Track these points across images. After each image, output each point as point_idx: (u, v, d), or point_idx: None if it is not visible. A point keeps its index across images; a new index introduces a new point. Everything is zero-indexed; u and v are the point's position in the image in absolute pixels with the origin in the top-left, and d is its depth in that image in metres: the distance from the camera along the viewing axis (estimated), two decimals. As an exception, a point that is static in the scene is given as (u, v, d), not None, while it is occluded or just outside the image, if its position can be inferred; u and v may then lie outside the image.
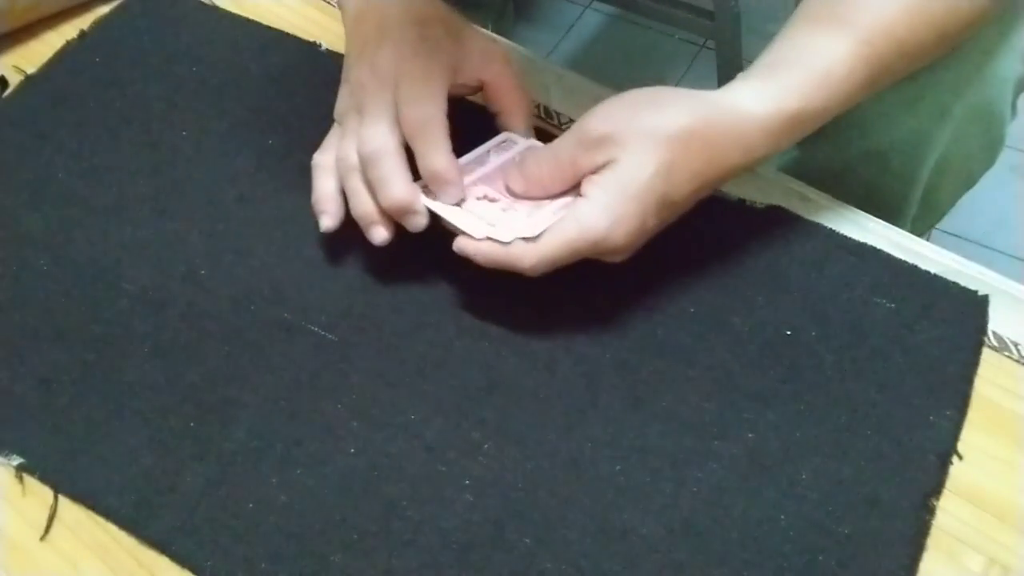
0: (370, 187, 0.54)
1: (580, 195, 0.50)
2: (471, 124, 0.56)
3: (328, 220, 0.56)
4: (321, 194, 0.57)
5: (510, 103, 0.58)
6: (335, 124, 0.59)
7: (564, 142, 0.51)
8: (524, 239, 0.50)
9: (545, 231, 0.50)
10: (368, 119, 0.53)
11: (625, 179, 0.49)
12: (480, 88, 0.58)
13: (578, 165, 0.50)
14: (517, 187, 0.53)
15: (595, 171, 0.50)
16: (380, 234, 0.54)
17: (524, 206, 0.53)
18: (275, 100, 0.66)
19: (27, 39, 0.71)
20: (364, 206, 0.54)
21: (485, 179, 0.55)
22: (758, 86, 0.51)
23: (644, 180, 0.48)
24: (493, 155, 0.56)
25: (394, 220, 0.54)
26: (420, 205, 0.53)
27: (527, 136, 0.58)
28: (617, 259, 0.51)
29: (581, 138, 0.50)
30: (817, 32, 0.52)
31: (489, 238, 0.51)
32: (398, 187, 0.52)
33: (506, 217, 0.52)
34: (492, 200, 0.54)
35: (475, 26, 0.59)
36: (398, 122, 0.53)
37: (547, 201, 0.52)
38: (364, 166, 0.54)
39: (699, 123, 0.49)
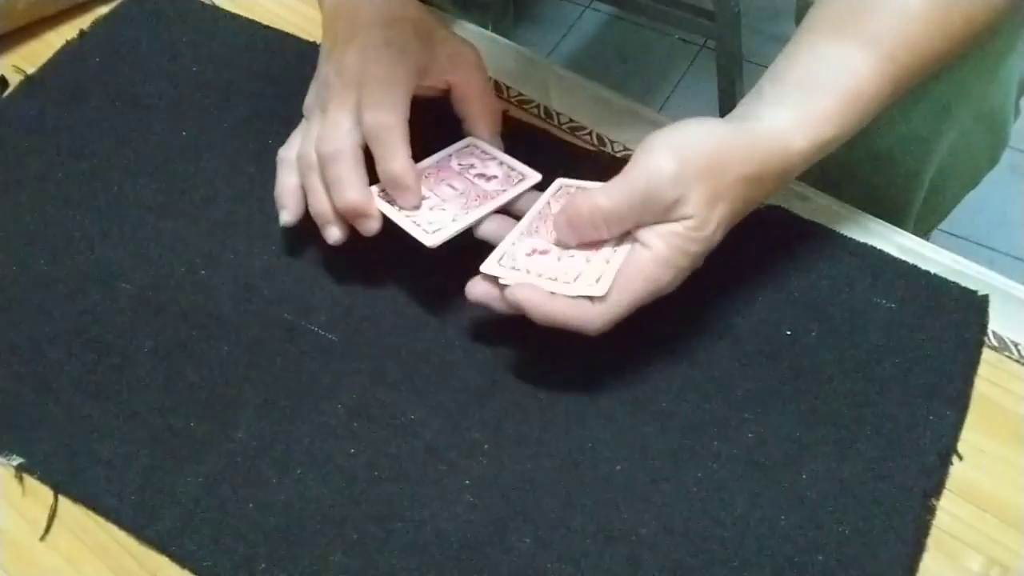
0: (326, 187, 0.54)
1: (639, 243, 0.49)
2: (439, 127, 0.56)
3: (287, 215, 0.57)
4: (282, 189, 0.57)
5: (475, 109, 0.58)
6: (303, 119, 0.59)
7: (628, 203, 0.48)
8: (589, 298, 0.48)
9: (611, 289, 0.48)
10: (329, 120, 0.54)
11: (691, 236, 0.48)
12: (448, 91, 0.58)
13: (642, 224, 0.49)
14: (570, 243, 0.50)
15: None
16: (334, 234, 0.55)
17: (531, 237, 0.52)
18: (275, 100, 0.66)
19: (27, 39, 0.71)
20: (320, 204, 0.55)
21: (442, 185, 0.55)
22: (795, 116, 0.50)
23: (707, 236, 0.48)
24: (455, 160, 0.57)
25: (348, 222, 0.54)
26: (373, 209, 0.53)
27: (492, 143, 0.58)
28: None
29: (649, 201, 0.47)
30: (843, 49, 0.50)
31: (552, 292, 0.48)
32: (352, 189, 0.53)
33: (558, 265, 0.50)
34: (440, 206, 0.53)
35: (449, 31, 0.59)
36: (359, 124, 0.53)
37: (592, 248, 0.50)
38: (321, 166, 0.54)
39: (756, 168, 0.49)
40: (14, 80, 0.68)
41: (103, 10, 0.73)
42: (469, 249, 0.52)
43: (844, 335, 0.54)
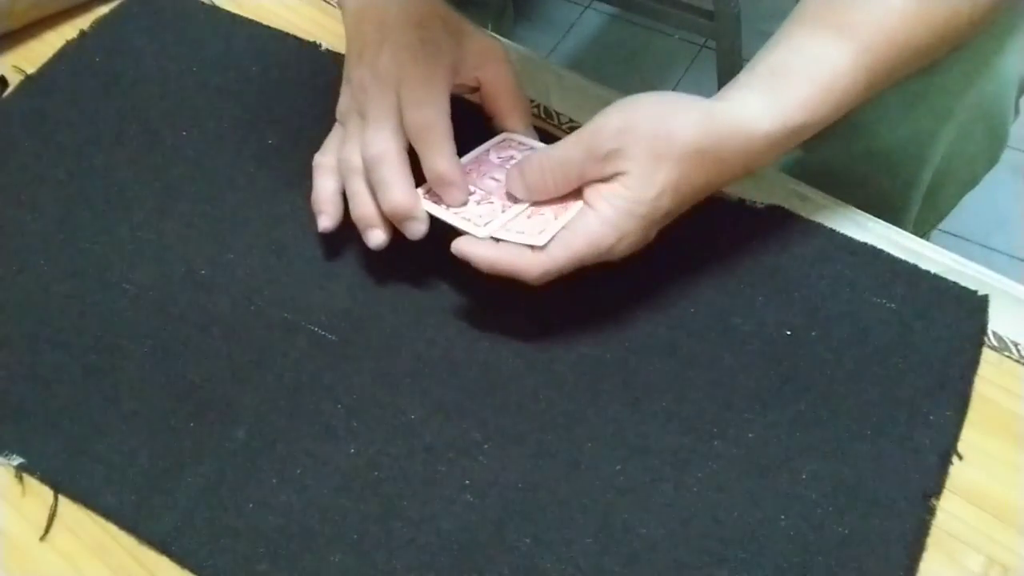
0: (372, 190, 0.54)
1: (585, 203, 0.50)
2: (472, 123, 0.56)
3: (326, 220, 0.56)
4: (320, 194, 0.57)
5: (506, 105, 0.58)
6: (336, 124, 0.59)
7: (571, 152, 0.50)
8: (530, 247, 0.50)
9: (551, 240, 0.50)
10: (371, 123, 0.54)
11: (634, 196, 0.49)
12: (477, 88, 0.58)
13: (585, 175, 0.50)
14: (518, 193, 0.52)
15: (601, 180, 0.50)
16: (378, 237, 0.54)
17: (521, 205, 0.52)
18: (275, 100, 0.66)
19: (27, 39, 0.71)
20: (364, 208, 0.54)
21: (485, 179, 0.55)
22: (763, 100, 0.50)
23: (652, 197, 0.49)
24: (493, 154, 0.56)
25: (392, 225, 0.54)
26: (420, 211, 0.53)
27: (527, 135, 0.58)
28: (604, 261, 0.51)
29: (591, 151, 0.49)
30: (818, 39, 0.51)
31: (493, 238, 0.51)
32: (399, 191, 0.52)
33: (504, 217, 0.52)
34: (487, 199, 0.54)
35: (474, 25, 0.59)
36: (401, 126, 0.53)
37: (547, 204, 0.52)
38: (367, 169, 0.54)
39: (709, 140, 0.49)
40: (14, 80, 0.68)
41: (103, 10, 0.73)
42: (480, 274, 0.52)
43: (844, 335, 0.54)
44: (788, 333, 0.54)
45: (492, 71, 0.57)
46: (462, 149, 0.55)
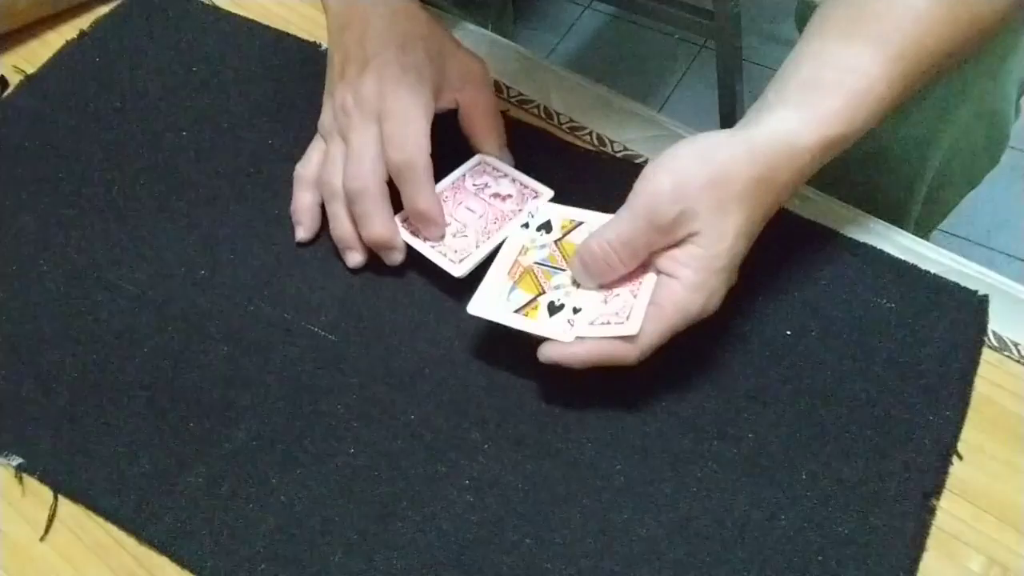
0: (352, 218, 0.56)
1: (661, 272, 0.49)
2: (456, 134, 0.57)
3: (303, 232, 0.59)
4: (299, 206, 0.59)
5: (482, 128, 0.58)
6: (318, 136, 0.60)
7: (635, 230, 0.48)
8: (623, 338, 0.48)
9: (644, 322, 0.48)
10: (353, 155, 0.55)
11: (711, 254, 0.48)
12: (456, 108, 0.59)
13: (652, 246, 0.49)
14: (586, 283, 0.51)
15: (672, 246, 0.49)
16: (355, 258, 0.57)
17: (594, 292, 0.51)
18: (275, 100, 0.66)
19: (27, 39, 0.71)
20: (344, 230, 0.57)
21: (460, 209, 0.56)
22: (800, 116, 0.49)
23: (728, 248, 0.48)
24: (468, 181, 0.58)
25: (370, 249, 0.56)
26: (399, 242, 0.56)
27: (502, 158, 0.58)
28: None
29: (655, 222, 0.48)
30: (850, 50, 0.50)
31: (579, 337, 0.49)
32: (380, 225, 0.55)
33: (584, 312, 0.50)
34: (462, 232, 0.55)
35: (456, 44, 0.59)
36: (382, 158, 0.54)
37: (620, 284, 0.51)
38: (349, 200, 0.56)
39: (762, 169, 0.48)
40: (14, 80, 0.68)
41: (103, 10, 0.73)
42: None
43: (844, 335, 0.54)
44: (788, 333, 0.54)
45: (471, 93, 0.58)
46: (436, 164, 0.55)
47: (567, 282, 0.52)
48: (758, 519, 0.48)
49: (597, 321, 0.49)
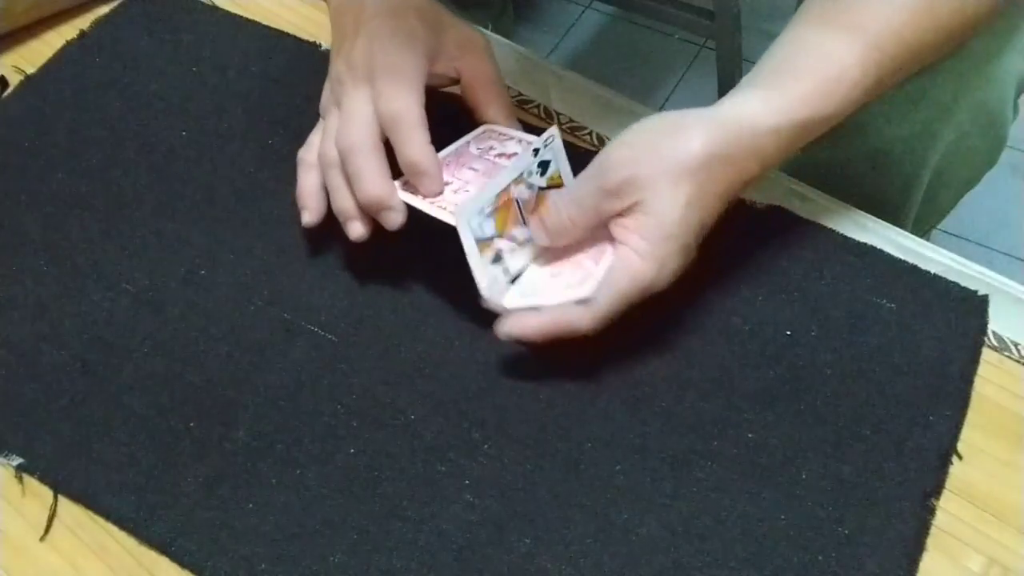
0: (348, 182, 0.54)
1: (616, 242, 0.49)
2: (452, 120, 0.56)
3: (308, 216, 0.56)
4: (303, 190, 0.57)
5: (485, 96, 0.57)
6: (320, 119, 0.59)
7: (584, 190, 0.49)
8: (579, 301, 0.49)
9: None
10: (344, 114, 0.54)
11: (660, 220, 0.48)
12: (458, 80, 0.57)
13: (603, 211, 0.49)
14: (543, 239, 0.51)
15: (623, 214, 0.49)
16: (357, 230, 0.54)
17: (559, 263, 0.52)
18: (275, 100, 0.66)
19: (27, 39, 0.71)
20: (343, 201, 0.54)
21: (463, 170, 0.54)
22: (767, 96, 0.50)
23: (679, 216, 0.48)
24: (473, 145, 0.56)
25: (372, 217, 0.54)
26: (396, 201, 0.52)
27: (509, 126, 0.57)
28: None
29: (603, 185, 0.49)
30: (826, 37, 0.51)
31: (532, 307, 0.50)
32: (373, 182, 0.52)
33: (541, 271, 0.51)
34: (464, 188, 0.53)
35: (454, 16, 0.58)
36: (375, 116, 0.53)
37: (582, 254, 0.51)
38: (342, 161, 0.53)
39: (718, 146, 0.48)
40: (14, 80, 0.68)
41: (103, 10, 0.73)
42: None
43: (844, 335, 0.54)
44: (788, 333, 0.54)
45: (471, 61, 0.57)
46: (444, 144, 0.54)
47: (521, 238, 0.52)
48: (758, 519, 0.48)
49: (558, 287, 0.50)
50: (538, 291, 0.51)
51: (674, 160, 0.48)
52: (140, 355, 0.55)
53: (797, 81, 0.50)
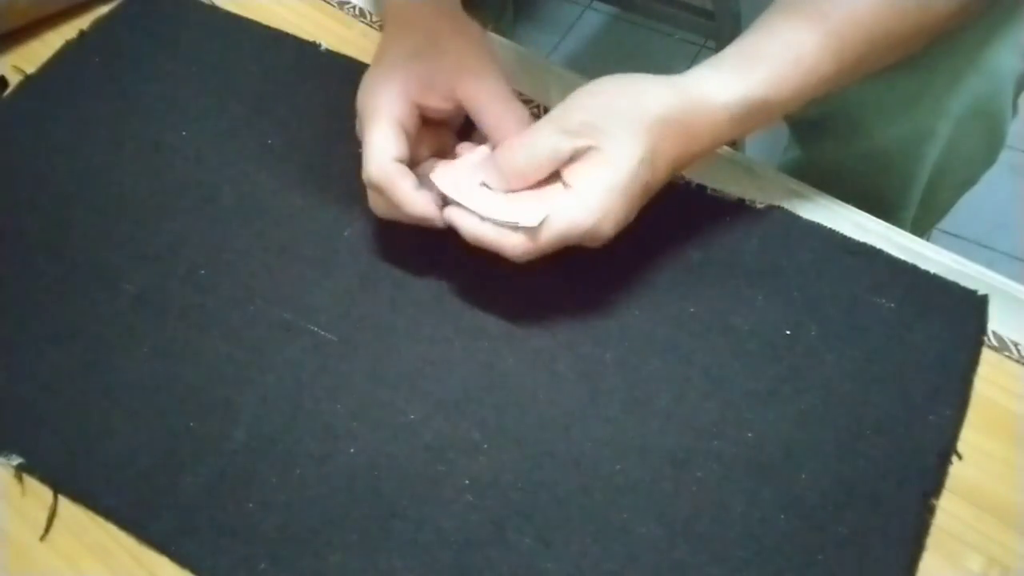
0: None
1: (564, 183, 0.50)
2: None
3: (437, 221, 0.54)
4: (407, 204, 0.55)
5: (492, 116, 0.54)
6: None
7: (542, 132, 0.50)
8: (519, 227, 0.49)
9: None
10: (364, 146, 0.54)
11: (611, 171, 0.49)
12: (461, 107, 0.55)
13: (558, 153, 0.50)
14: (495, 182, 0.52)
15: (576, 158, 0.50)
16: (436, 226, 0.54)
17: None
18: (275, 100, 0.66)
19: (27, 39, 0.71)
20: (395, 215, 0.54)
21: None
22: (727, 76, 0.52)
23: (630, 171, 0.49)
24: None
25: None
26: (438, 220, 0.53)
27: None
28: (598, 244, 0.51)
29: (562, 126, 0.50)
30: (787, 23, 0.53)
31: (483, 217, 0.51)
32: (413, 207, 0.52)
33: (488, 197, 0.52)
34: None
35: (465, 36, 0.57)
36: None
37: (532, 189, 0.52)
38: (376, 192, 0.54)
39: (676, 111, 0.50)
40: (14, 80, 0.68)
41: (103, 10, 0.73)
42: (469, 250, 0.52)
43: (844, 335, 0.54)
44: (788, 333, 0.54)
45: (470, 83, 0.54)
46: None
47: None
48: (758, 519, 0.48)
49: (504, 210, 0.50)
50: (489, 205, 0.51)
51: (633, 114, 0.50)
52: (140, 355, 0.55)
53: (757, 63, 0.52)
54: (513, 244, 0.50)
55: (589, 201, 0.49)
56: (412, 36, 0.56)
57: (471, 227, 0.51)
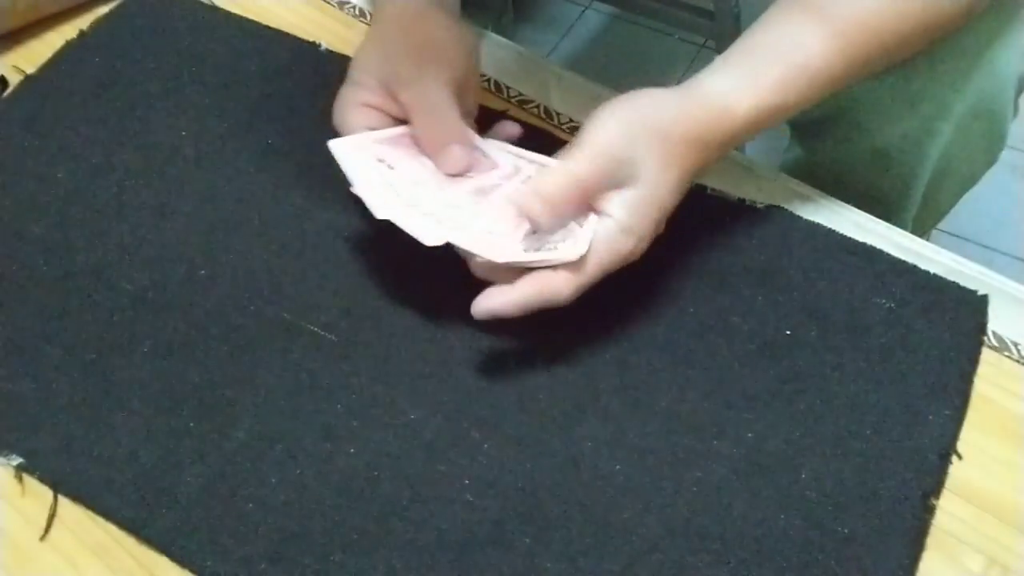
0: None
1: (597, 212, 0.50)
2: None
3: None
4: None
5: (426, 138, 0.55)
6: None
7: (583, 167, 0.49)
8: (564, 264, 0.49)
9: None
10: None
11: (648, 201, 0.50)
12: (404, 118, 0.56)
13: (600, 187, 0.49)
14: (540, 216, 0.49)
15: (613, 187, 0.50)
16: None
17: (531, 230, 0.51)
18: (275, 100, 0.66)
19: (27, 39, 0.71)
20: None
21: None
22: (738, 82, 0.52)
23: (662, 198, 0.50)
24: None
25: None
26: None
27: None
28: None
29: (602, 165, 0.49)
30: (793, 23, 0.53)
31: (513, 267, 0.49)
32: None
33: (520, 244, 0.50)
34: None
35: (433, 37, 0.56)
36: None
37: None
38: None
39: (701, 131, 0.50)
40: (14, 80, 0.68)
41: (103, 10, 0.73)
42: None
43: (844, 335, 0.54)
44: (788, 333, 0.54)
45: (410, 94, 0.55)
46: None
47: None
48: (758, 519, 0.48)
49: (534, 247, 0.49)
50: (519, 252, 0.49)
51: (668, 145, 0.49)
52: (140, 355, 0.54)
53: (765, 66, 0.52)
54: (563, 285, 0.49)
55: (628, 228, 0.49)
56: (379, 41, 0.57)
57: (513, 300, 0.49)
